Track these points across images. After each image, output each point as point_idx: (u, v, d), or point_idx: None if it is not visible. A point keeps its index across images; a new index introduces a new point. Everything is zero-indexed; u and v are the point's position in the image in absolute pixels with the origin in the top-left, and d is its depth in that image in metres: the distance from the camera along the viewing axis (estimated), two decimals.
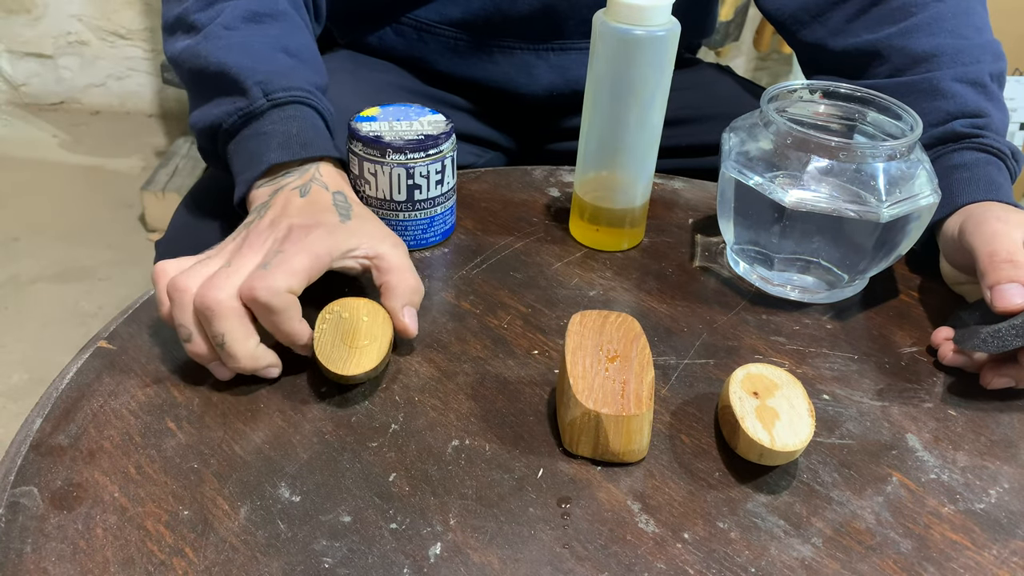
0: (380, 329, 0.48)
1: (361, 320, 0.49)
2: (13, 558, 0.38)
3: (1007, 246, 0.51)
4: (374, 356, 0.47)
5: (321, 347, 0.47)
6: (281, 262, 0.46)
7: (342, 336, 0.48)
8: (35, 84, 2.23)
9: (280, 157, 0.53)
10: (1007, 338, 0.48)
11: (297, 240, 0.47)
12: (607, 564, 0.40)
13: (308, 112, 0.57)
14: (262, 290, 0.44)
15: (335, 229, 0.49)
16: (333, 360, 0.46)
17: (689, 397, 0.50)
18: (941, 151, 0.60)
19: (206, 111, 0.58)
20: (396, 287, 0.49)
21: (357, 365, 0.46)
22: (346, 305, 0.49)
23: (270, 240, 0.48)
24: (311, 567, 0.38)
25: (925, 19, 0.64)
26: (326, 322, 0.48)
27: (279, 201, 0.52)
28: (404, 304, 0.49)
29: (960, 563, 0.41)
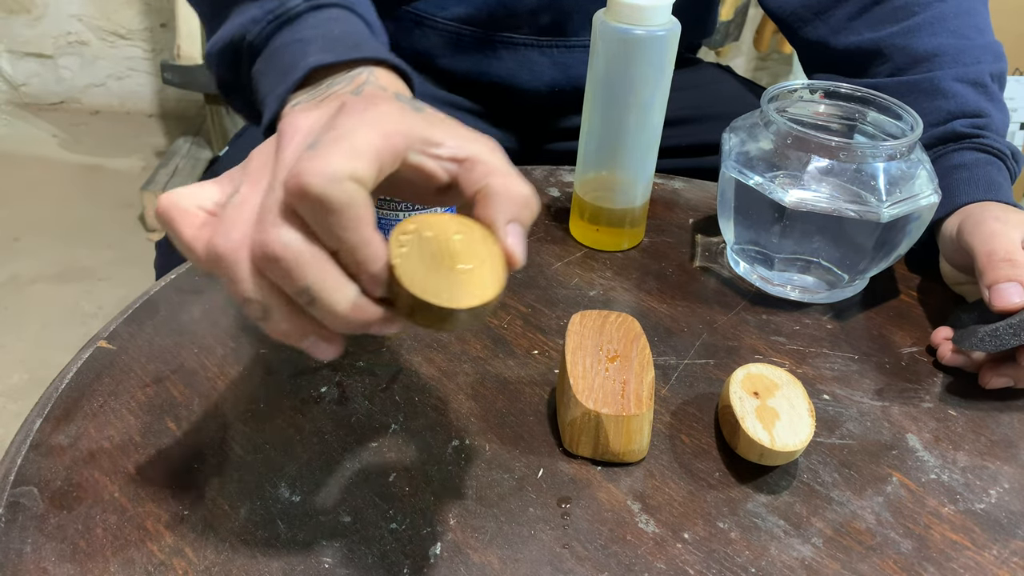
0: (484, 249, 0.34)
1: (452, 239, 0.34)
2: (13, 558, 0.38)
3: (1005, 245, 0.51)
4: (489, 281, 0.33)
5: (408, 274, 0.32)
6: (335, 138, 0.32)
7: (433, 258, 0.33)
8: (35, 84, 2.23)
9: (323, 59, 0.40)
10: (1005, 337, 0.49)
11: (356, 112, 0.34)
12: (607, 564, 0.40)
13: (353, 18, 0.45)
14: (313, 175, 0.30)
15: (406, 110, 0.35)
16: (433, 290, 0.31)
17: (689, 397, 0.50)
18: (941, 151, 0.60)
19: (227, 26, 0.46)
20: (499, 193, 0.34)
21: (471, 294, 0.32)
22: (425, 223, 0.34)
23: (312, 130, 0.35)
24: (311, 567, 0.38)
25: (927, 19, 0.64)
26: (404, 245, 0.33)
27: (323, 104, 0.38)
28: (510, 219, 0.34)
29: (960, 563, 0.41)
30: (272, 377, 0.49)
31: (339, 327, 0.33)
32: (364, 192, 0.31)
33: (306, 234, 0.31)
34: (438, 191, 0.36)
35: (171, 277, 0.56)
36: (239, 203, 0.33)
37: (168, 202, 0.34)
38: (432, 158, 0.34)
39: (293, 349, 0.50)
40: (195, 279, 0.56)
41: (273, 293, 0.32)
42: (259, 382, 0.48)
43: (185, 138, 2.01)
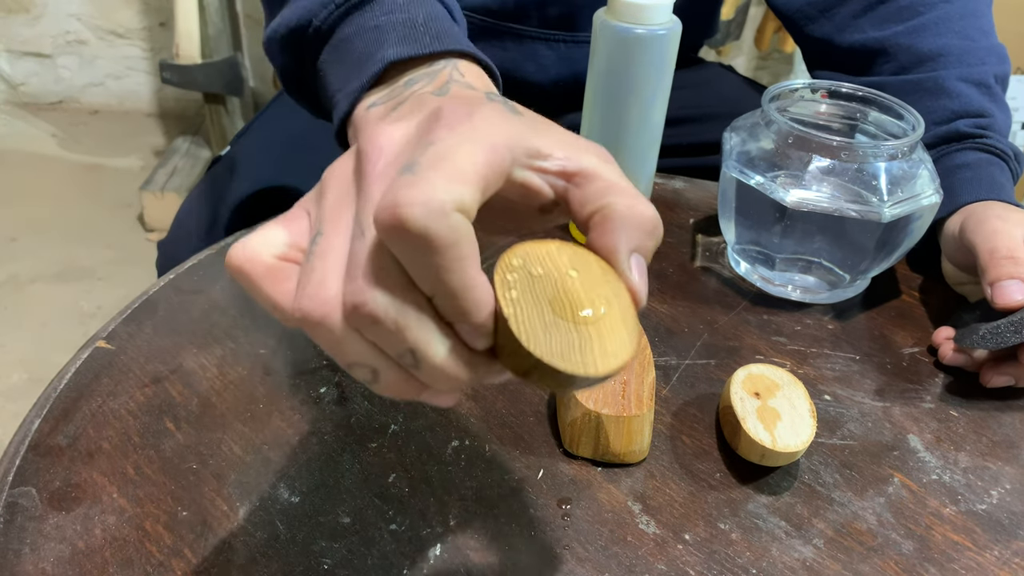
0: (607, 288, 0.28)
1: (567, 278, 0.28)
2: (11, 559, 0.38)
3: (1007, 243, 0.51)
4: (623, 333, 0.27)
5: (526, 330, 0.26)
6: (437, 158, 0.26)
7: (551, 305, 0.27)
8: (34, 83, 2.23)
9: (402, 52, 0.35)
10: (1006, 335, 0.49)
11: (456, 122, 0.28)
12: (607, 565, 0.39)
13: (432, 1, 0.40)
14: (413, 208, 0.25)
15: (507, 115, 0.30)
16: (559, 351, 0.26)
17: (690, 398, 0.50)
18: (944, 150, 0.60)
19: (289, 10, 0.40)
20: (623, 217, 0.29)
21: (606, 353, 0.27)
22: (532, 255, 0.28)
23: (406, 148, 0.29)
24: (310, 568, 0.38)
25: (932, 19, 0.64)
26: (513, 287, 0.27)
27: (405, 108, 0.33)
28: (632, 248, 0.29)
29: (961, 564, 0.41)
30: (271, 377, 0.49)
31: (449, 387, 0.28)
32: (470, 225, 0.26)
33: (404, 285, 0.27)
34: (541, 210, 0.31)
35: (170, 277, 0.56)
36: (323, 252, 0.28)
37: (241, 256, 0.28)
38: (539, 172, 0.29)
39: (292, 349, 0.51)
40: (194, 279, 0.56)
41: (378, 354, 0.28)
42: (258, 382, 0.48)
43: (184, 137, 2.00)
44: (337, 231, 0.28)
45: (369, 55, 0.36)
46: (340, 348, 0.28)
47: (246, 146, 0.75)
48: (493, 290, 0.27)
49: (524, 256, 0.28)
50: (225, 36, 1.80)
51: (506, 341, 0.27)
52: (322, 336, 0.28)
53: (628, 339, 0.27)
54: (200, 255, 0.58)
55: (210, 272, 0.57)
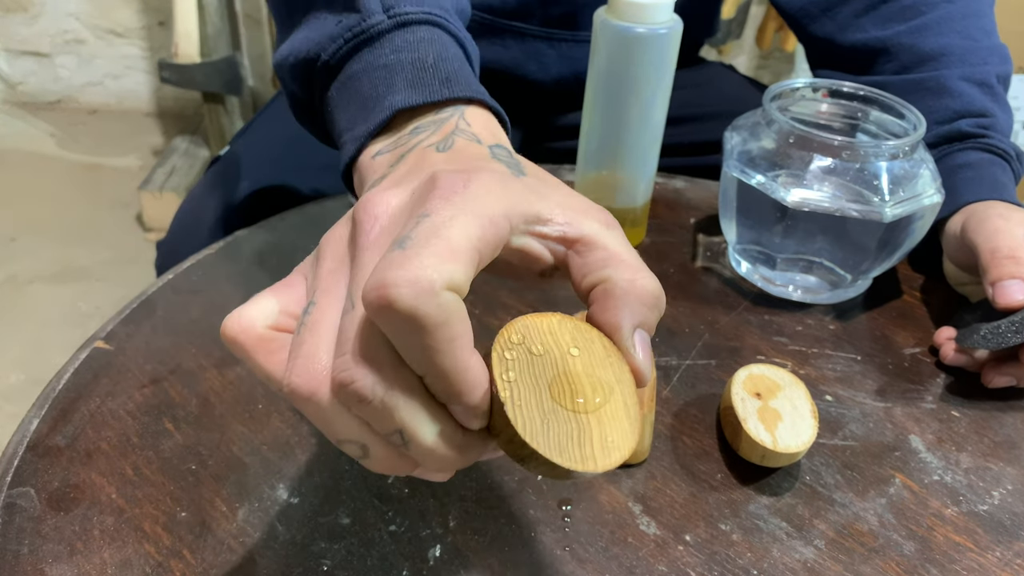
0: (609, 371, 0.28)
1: (568, 358, 0.27)
2: (10, 559, 0.38)
3: (1009, 243, 0.51)
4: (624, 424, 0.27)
5: (523, 418, 0.26)
6: (428, 232, 0.26)
7: (550, 390, 0.26)
8: (32, 82, 2.22)
9: (410, 99, 0.35)
10: (1007, 335, 0.48)
11: (450, 195, 0.27)
12: (608, 566, 0.39)
13: (445, 38, 0.39)
14: (400, 288, 0.24)
15: (507, 180, 0.29)
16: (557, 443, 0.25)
17: (691, 398, 0.49)
18: (946, 150, 0.60)
19: (299, 37, 0.40)
20: (625, 293, 0.28)
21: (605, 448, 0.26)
22: (533, 332, 0.28)
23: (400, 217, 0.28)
24: (310, 569, 0.38)
25: (935, 19, 0.65)
26: (511, 368, 0.26)
27: (407, 162, 0.32)
28: (635, 324, 0.28)
29: (963, 565, 0.41)
30: None
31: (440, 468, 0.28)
32: (461, 304, 0.25)
33: (394, 363, 0.26)
34: (540, 274, 0.30)
35: (168, 277, 0.56)
36: (314, 324, 0.27)
37: (235, 327, 0.28)
38: (538, 237, 0.29)
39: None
40: (193, 279, 0.56)
41: (367, 431, 0.27)
42: (257, 383, 0.48)
43: (183, 137, 2.00)
44: (330, 302, 0.27)
45: (377, 98, 0.35)
46: (329, 425, 0.27)
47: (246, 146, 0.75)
48: (490, 370, 0.26)
49: (524, 332, 0.27)
50: (224, 35, 1.80)
51: (502, 426, 0.26)
52: (311, 411, 0.27)
53: (629, 430, 0.26)
54: (199, 255, 0.58)
55: (209, 272, 0.57)
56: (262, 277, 0.56)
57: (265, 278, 0.56)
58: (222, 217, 0.66)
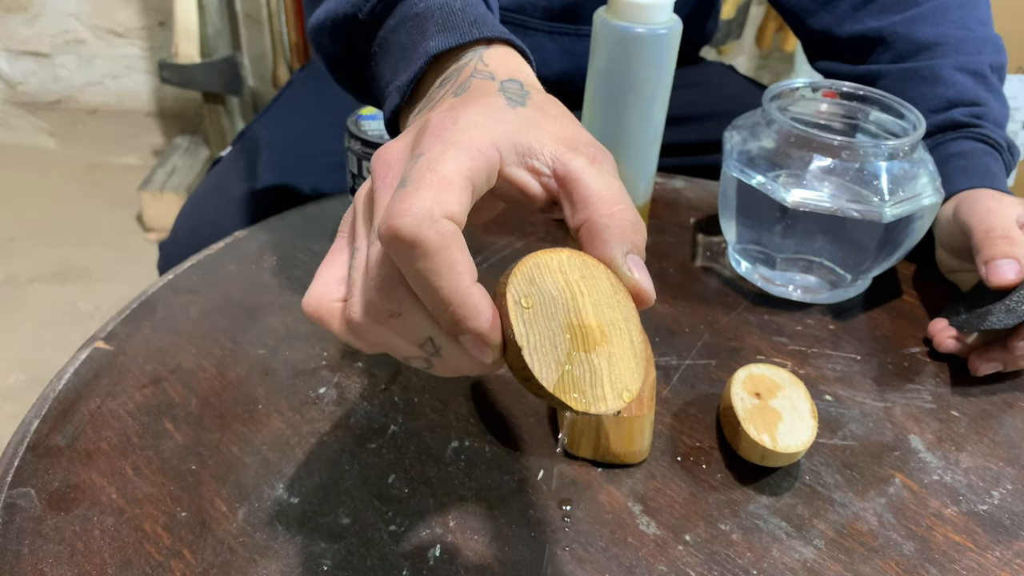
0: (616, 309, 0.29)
1: (579, 295, 0.29)
2: (10, 560, 0.38)
3: (1002, 223, 0.52)
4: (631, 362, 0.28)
5: (541, 367, 0.27)
6: (423, 170, 0.28)
7: (563, 332, 0.28)
8: (32, 83, 2.22)
9: (443, 43, 0.37)
10: (999, 314, 0.50)
11: (441, 132, 0.30)
12: (608, 566, 0.39)
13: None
14: (404, 218, 0.27)
15: (500, 112, 0.31)
16: (574, 387, 0.27)
17: (690, 398, 0.49)
18: (940, 139, 0.61)
19: (330, 5, 0.43)
20: (605, 228, 0.30)
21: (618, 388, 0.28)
22: (544, 271, 0.29)
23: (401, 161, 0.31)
24: (309, 569, 0.38)
25: (930, 9, 0.65)
26: (524, 308, 0.28)
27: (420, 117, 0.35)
28: (625, 250, 0.30)
29: (963, 565, 0.41)
30: (270, 378, 0.48)
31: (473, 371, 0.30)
32: (459, 233, 0.27)
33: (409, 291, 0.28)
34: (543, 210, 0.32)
35: (169, 277, 0.56)
36: (357, 267, 0.30)
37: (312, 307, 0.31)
38: (531, 172, 0.31)
39: (291, 350, 0.50)
40: (193, 279, 0.56)
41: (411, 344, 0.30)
42: (257, 383, 0.48)
43: (183, 137, 2.00)
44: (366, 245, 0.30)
45: (413, 47, 0.38)
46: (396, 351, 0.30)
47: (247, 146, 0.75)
48: (505, 312, 0.27)
49: (535, 272, 0.29)
50: (224, 35, 1.80)
51: (519, 367, 0.27)
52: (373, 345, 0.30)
53: (636, 369, 0.28)
54: (199, 255, 0.58)
55: (209, 272, 0.57)
56: (262, 277, 0.56)
57: (266, 278, 0.56)
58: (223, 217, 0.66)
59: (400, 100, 0.38)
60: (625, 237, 0.30)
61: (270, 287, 0.56)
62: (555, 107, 0.33)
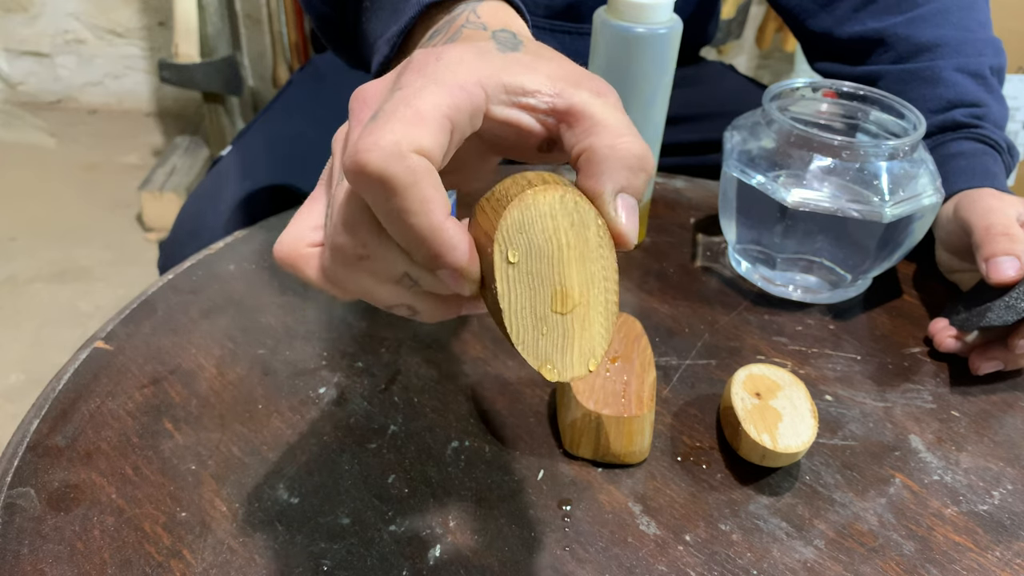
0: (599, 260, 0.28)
1: (565, 248, 0.27)
2: (10, 559, 0.38)
3: (1003, 220, 0.52)
4: (600, 329, 0.28)
5: (519, 330, 0.27)
6: (399, 101, 0.26)
7: (543, 287, 0.27)
8: (32, 83, 2.22)
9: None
10: (1000, 311, 0.49)
11: (423, 65, 0.28)
12: (608, 566, 0.39)
13: None
14: (371, 152, 0.25)
15: (489, 54, 0.30)
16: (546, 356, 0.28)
17: (691, 398, 0.49)
18: (940, 139, 0.61)
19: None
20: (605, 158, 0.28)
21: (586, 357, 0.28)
22: (533, 211, 0.27)
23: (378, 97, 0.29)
24: (309, 569, 0.38)
25: (930, 11, 0.65)
26: (511, 264, 0.27)
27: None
28: (617, 189, 0.28)
29: (963, 565, 0.41)
30: (270, 378, 0.48)
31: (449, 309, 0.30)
32: (432, 169, 0.26)
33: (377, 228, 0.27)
34: (538, 148, 0.30)
35: (169, 277, 0.56)
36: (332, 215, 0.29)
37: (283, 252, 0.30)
38: (525, 110, 0.29)
39: (291, 350, 0.50)
40: (192, 279, 0.56)
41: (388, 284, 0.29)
42: (257, 383, 0.48)
43: (183, 137, 2.00)
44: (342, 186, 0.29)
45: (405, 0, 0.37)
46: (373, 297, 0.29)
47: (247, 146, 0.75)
48: (491, 259, 0.27)
49: (524, 217, 0.27)
50: (224, 35, 1.80)
51: (497, 318, 0.27)
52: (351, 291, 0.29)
53: (605, 331, 0.28)
54: (199, 255, 0.58)
55: (209, 272, 0.57)
56: (262, 277, 0.56)
57: (266, 278, 0.56)
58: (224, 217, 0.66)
59: (389, 52, 0.37)
60: (624, 170, 0.28)
61: (270, 287, 0.56)
62: (549, 51, 0.32)
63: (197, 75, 1.70)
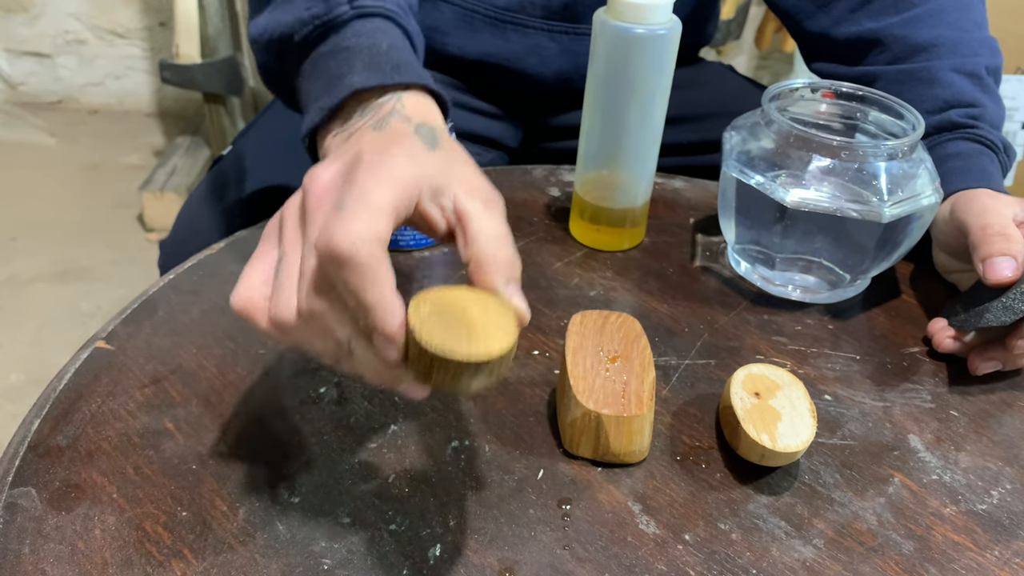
0: (497, 308, 0.35)
1: (469, 304, 0.35)
2: (11, 559, 0.38)
3: (999, 220, 0.52)
4: (504, 335, 0.34)
5: (428, 333, 0.33)
6: (359, 198, 0.34)
7: (451, 320, 0.34)
8: (33, 83, 2.23)
9: (366, 80, 0.42)
10: (997, 312, 0.50)
11: (373, 167, 0.35)
12: (608, 565, 0.39)
13: (396, 31, 0.47)
14: (340, 236, 0.32)
15: (419, 156, 0.37)
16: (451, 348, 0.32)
17: (690, 398, 0.50)
18: (936, 140, 0.61)
19: (273, 18, 0.47)
20: (490, 263, 0.36)
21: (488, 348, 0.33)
22: (439, 293, 0.35)
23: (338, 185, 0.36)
24: (310, 568, 0.38)
25: (927, 11, 0.65)
26: (422, 312, 0.34)
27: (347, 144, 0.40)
28: (507, 280, 0.36)
29: (962, 564, 0.41)
30: (271, 378, 0.49)
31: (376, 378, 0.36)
32: (385, 252, 0.33)
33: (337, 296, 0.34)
34: (441, 238, 0.39)
35: (169, 277, 0.56)
36: (286, 271, 0.36)
37: (239, 304, 0.36)
38: (438, 207, 0.37)
39: (291, 350, 0.50)
40: (193, 279, 0.56)
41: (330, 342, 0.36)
42: (258, 382, 0.48)
43: (184, 137, 2.00)
44: (294, 254, 0.36)
45: (340, 76, 0.43)
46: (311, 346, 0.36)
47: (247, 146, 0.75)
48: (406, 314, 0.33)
49: (433, 293, 0.35)
50: (225, 36, 1.80)
51: (413, 347, 0.33)
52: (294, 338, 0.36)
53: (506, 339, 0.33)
54: (200, 255, 0.58)
55: (210, 272, 0.57)
56: None
57: None
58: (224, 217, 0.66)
59: (320, 120, 0.43)
60: (505, 269, 0.36)
61: None
62: (461, 154, 0.40)
63: (198, 75, 1.70)
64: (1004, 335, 0.51)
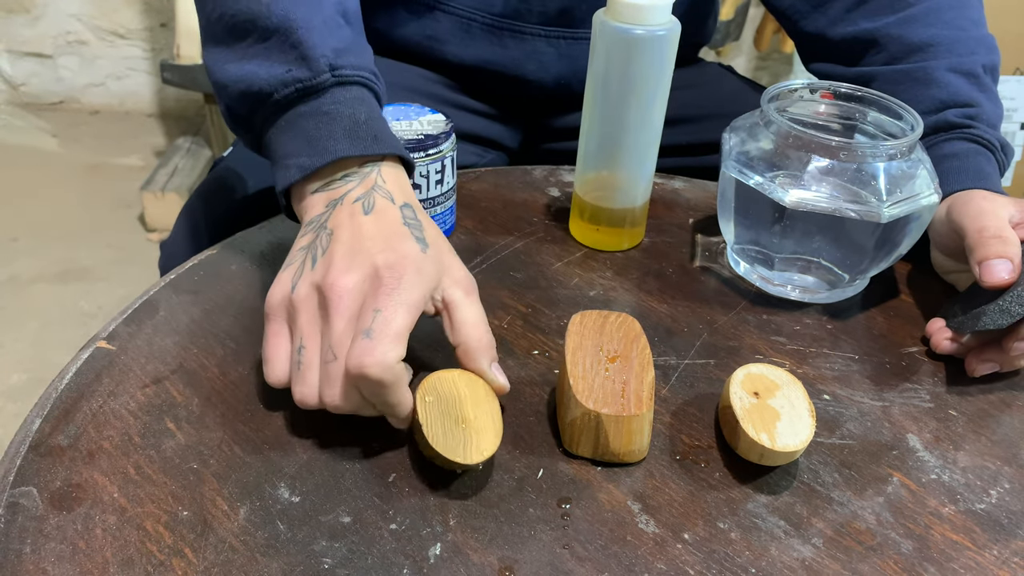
0: (485, 404, 0.44)
1: (462, 393, 0.44)
2: (12, 559, 0.38)
3: (995, 223, 0.52)
4: (492, 433, 0.42)
5: (435, 436, 0.42)
6: (384, 326, 0.41)
7: (451, 416, 0.43)
8: (34, 84, 2.23)
9: (349, 150, 0.46)
10: (994, 314, 0.50)
11: (392, 292, 0.42)
12: (607, 565, 0.39)
13: (372, 99, 0.50)
14: (374, 367, 0.40)
15: (422, 266, 0.43)
16: (453, 450, 0.41)
17: (689, 397, 0.50)
18: (933, 140, 0.61)
19: (247, 69, 0.49)
20: (474, 350, 0.44)
21: (480, 449, 0.42)
22: (438, 382, 0.44)
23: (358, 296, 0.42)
24: (311, 568, 0.38)
25: (923, 10, 0.65)
26: (428, 404, 0.43)
27: (343, 221, 0.45)
28: (490, 361, 0.45)
29: (961, 563, 0.41)
30: None
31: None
32: (403, 366, 0.42)
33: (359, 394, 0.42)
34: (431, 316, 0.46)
35: (171, 277, 0.56)
36: (308, 362, 0.43)
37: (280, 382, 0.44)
38: (431, 301, 0.45)
39: None
40: (194, 279, 0.56)
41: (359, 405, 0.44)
42: (258, 382, 0.48)
43: (185, 138, 2.01)
44: (315, 347, 0.43)
45: (320, 139, 0.47)
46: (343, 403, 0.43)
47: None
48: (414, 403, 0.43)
49: (436, 382, 0.44)
50: None
51: (420, 437, 0.43)
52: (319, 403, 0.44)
53: (493, 438, 0.42)
54: (201, 255, 0.59)
55: (211, 272, 0.57)
56: (263, 277, 0.57)
57: (267, 278, 0.57)
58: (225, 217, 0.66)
59: (299, 178, 0.47)
60: (487, 353, 0.45)
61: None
62: (444, 244, 0.46)
63: (199, 76, 1.70)
64: (1001, 337, 0.51)
